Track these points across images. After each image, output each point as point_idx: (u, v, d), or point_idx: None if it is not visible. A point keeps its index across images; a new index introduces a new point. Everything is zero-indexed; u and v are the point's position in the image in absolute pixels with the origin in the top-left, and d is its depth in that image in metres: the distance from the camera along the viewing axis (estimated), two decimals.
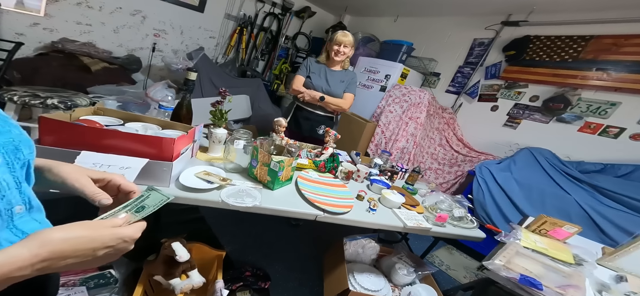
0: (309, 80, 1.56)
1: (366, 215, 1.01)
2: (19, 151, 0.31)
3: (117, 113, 0.77)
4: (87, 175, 0.37)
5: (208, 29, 3.10)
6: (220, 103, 1.01)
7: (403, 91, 2.38)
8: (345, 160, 1.45)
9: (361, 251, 1.31)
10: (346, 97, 1.58)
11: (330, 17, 3.93)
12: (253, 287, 1.16)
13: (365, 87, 2.67)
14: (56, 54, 2.14)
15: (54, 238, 0.27)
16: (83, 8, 2.32)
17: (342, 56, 1.52)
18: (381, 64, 2.57)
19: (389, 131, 2.35)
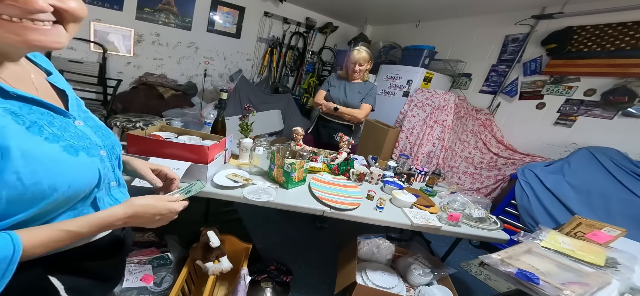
0: (328, 94, 1.73)
1: (373, 212, 1.07)
2: (115, 148, 0.48)
3: (174, 129, 1.05)
4: (148, 166, 0.58)
5: (244, 53, 3.57)
6: (245, 117, 1.24)
7: (426, 95, 2.33)
8: (360, 164, 1.53)
9: (376, 250, 1.34)
10: (363, 107, 1.68)
11: (352, 29, 4.07)
12: (276, 279, 1.31)
13: (387, 94, 2.69)
14: (142, 86, 2.79)
15: (136, 203, 0.44)
16: (156, 45, 2.98)
17: (359, 73, 1.65)
18: (403, 70, 2.56)
19: (413, 136, 2.31)
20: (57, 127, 0.37)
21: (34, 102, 0.35)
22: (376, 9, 3.08)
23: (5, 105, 0.32)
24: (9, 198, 0.31)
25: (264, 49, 3.64)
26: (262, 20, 3.45)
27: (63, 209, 0.39)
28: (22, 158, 0.31)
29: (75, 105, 0.44)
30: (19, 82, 0.36)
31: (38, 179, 0.32)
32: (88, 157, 0.39)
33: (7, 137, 0.30)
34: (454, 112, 2.14)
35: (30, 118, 0.34)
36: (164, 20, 2.90)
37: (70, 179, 0.35)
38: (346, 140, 1.43)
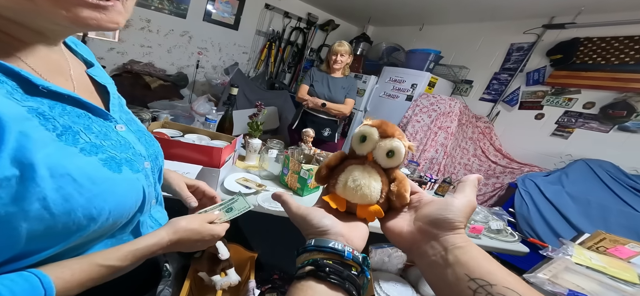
0: (312, 88, 1.72)
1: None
2: (158, 159, 0.40)
3: (178, 126, 0.92)
4: (183, 181, 0.49)
5: (241, 45, 3.41)
6: (256, 116, 1.13)
7: (431, 100, 2.32)
8: None
9: (387, 259, 1.30)
10: (347, 102, 1.71)
11: (353, 28, 4.02)
12: (281, 290, 1.23)
13: (390, 96, 2.66)
14: (126, 74, 2.57)
15: (180, 228, 0.36)
16: (145, 32, 2.75)
17: (340, 64, 1.65)
18: (407, 73, 2.54)
19: (416, 141, 2.30)
20: (96, 133, 0.29)
21: (69, 99, 0.27)
22: (380, 9, 3.04)
23: (31, 103, 0.23)
24: (31, 234, 0.23)
25: (263, 42, 3.49)
26: (263, 12, 3.30)
27: (100, 240, 0.31)
28: (51, 178, 0.23)
29: (117, 105, 0.35)
30: (53, 72, 0.28)
31: (71, 207, 0.24)
32: (132, 173, 0.31)
33: (30, 150, 0.22)
34: (457, 118, 2.14)
35: (63, 122, 0.26)
36: (157, 5, 2.67)
37: (111, 204, 0.28)
38: None
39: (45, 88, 0.25)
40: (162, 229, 0.36)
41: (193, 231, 0.37)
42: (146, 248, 0.33)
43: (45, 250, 0.26)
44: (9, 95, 0.22)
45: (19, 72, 0.23)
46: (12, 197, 0.21)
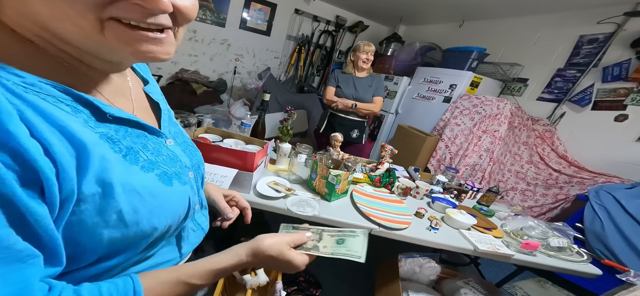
0: (339, 89, 1.70)
1: (426, 233, 0.95)
2: (200, 168, 0.43)
3: (218, 131, 1.00)
4: (221, 192, 0.52)
5: (273, 50, 3.57)
6: (286, 121, 1.16)
7: (474, 102, 2.09)
8: (402, 176, 1.39)
9: (418, 270, 1.22)
10: (376, 100, 1.68)
11: (383, 29, 3.88)
12: (306, 293, 1.24)
13: (424, 98, 2.48)
14: (178, 82, 2.90)
15: (259, 250, 0.36)
16: (193, 42, 3.07)
17: (367, 63, 1.65)
18: (444, 74, 2.34)
19: (455, 146, 2.10)
20: (151, 151, 0.32)
21: (130, 122, 0.30)
22: (414, 8, 2.86)
23: (101, 129, 0.27)
24: (111, 240, 0.27)
25: (293, 47, 3.60)
26: (293, 17, 3.40)
27: (157, 245, 0.34)
28: (124, 193, 0.26)
29: (167, 120, 0.38)
30: (117, 95, 0.32)
31: (139, 217, 0.28)
32: (181, 185, 0.34)
33: (109, 171, 0.25)
34: (508, 121, 1.89)
35: (126, 144, 0.29)
36: (201, 16, 2.96)
37: (167, 213, 0.31)
38: (389, 150, 1.31)
39: (112, 116, 0.28)
40: (242, 247, 0.37)
41: (269, 258, 0.37)
42: (226, 268, 0.35)
43: (122, 253, 0.30)
44: (85, 124, 0.25)
45: (92, 101, 0.27)
46: (96, 209, 0.25)
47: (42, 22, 0.22)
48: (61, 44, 0.25)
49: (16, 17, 0.23)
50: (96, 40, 0.23)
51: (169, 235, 0.36)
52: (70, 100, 0.25)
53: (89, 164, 0.24)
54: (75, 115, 0.25)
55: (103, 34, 0.22)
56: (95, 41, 0.23)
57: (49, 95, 0.23)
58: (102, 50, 0.25)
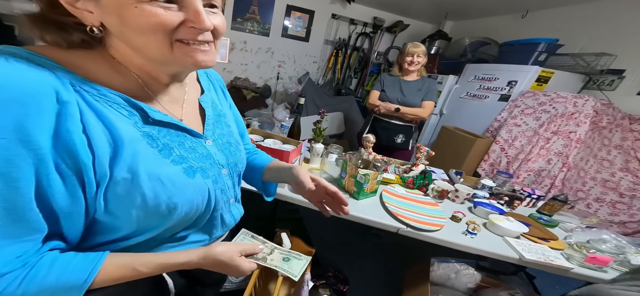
0: (383, 93, 1.63)
1: (462, 237, 0.90)
2: (237, 165, 0.49)
3: (261, 133, 1.15)
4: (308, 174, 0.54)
5: (311, 55, 3.73)
6: (319, 122, 1.24)
7: (541, 99, 1.79)
8: (439, 178, 1.31)
9: (454, 276, 1.13)
10: (425, 105, 1.58)
11: (426, 26, 3.64)
12: (333, 287, 1.28)
13: (475, 97, 2.23)
14: (232, 89, 3.29)
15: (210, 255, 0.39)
16: (243, 52, 3.45)
17: (416, 65, 1.55)
18: (501, 69, 2.06)
19: (514, 149, 1.83)
20: (185, 148, 0.39)
21: (171, 125, 0.38)
22: (464, 2, 2.61)
23: (146, 129, 0.35)
24: (139, 218, 0.34)
25: (330, 51, 3.70)
26: (330, 22, 3.50)
27: (184, 227, 0.41)
28: (149, 181, 0.33)
29: (211, 124, 0.45)
30: (172, 103, 0.40)
31: (159, 201, 0.34)
32: (202, 179, 0.40)
33: (138, 161, 0.32)
34: (590, 121, 1.55)
35: (164, 141, 0.36)
36: (249, 28, 3.33)
37: (183, 200, 0.37)
38: (425, 151, 1.25)
39: (154, 119, 0.35)
40: (194, 251, 0.40)
41: (220, 263, 0.40)
42: (174, 264, 0.38)
43: (148, 231, 0.37)
44: (134, 124, 0.33)
45: (143, 107, 0.34)
46: (126, 190, 0.32)
47: (139, 49, 0.32)
48: (146, 64, 0.35)
49: (123, 50, 0.33)
50: (169, 57, 0.32)
51: (201, 223, 0.42)
52: (128, 106, 0.33)
53: (122, 155, 0.31)
54: (128, 118, 0.33)
55: (173, 52, 0.31)
56: (168, 57, 0.32)
57: (115, 103, 0.32)
58: (171, 63, 0.34)
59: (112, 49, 0.33)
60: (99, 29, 0.31)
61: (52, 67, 0.28)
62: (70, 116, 0.28)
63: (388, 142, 1.65)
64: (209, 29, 0.32)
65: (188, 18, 0.30)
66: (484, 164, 1.95)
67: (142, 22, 0.28)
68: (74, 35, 0.31)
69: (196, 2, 0.30)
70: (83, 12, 0.29)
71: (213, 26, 0.33)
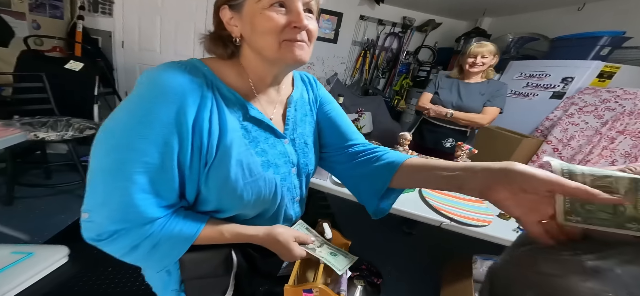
0: (436, 96, 1.50)
1: (513, 235, 0.85)
2: (307, 167, 0.52)
3: None
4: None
5: (339, 56, 3.76)
6: (357, 121, 1.25)
7: (604, 96, 1.59)
8: None
9: None
10: (487, 111, 1.38)
11: (460, 24, 3.47)
12: (367, 279, 1.27)
13: (521, 95, 2.06)
14: None
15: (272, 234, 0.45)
16: None
17: (479, 67, 1.37)
18: (553, 65, 1.88)
19: (570, 149, 1.64)
20: (268, 144, 0.45)
21: (262, 123, 0.44)
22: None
23: (244, 123, 0.42)
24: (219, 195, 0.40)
25: (358, 51, 3.70)
26: (358, 23, 3.52)
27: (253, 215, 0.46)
28: (236, 165, 0.39)
29: (291, 126, 0.50)
30: (268, 104, 0.47)
31: (237, 184, 0.40)
32: (273, 174, 0.45)
33: (232, 146, 0.39)
34: None
35: (254, 135, 0.43)
36: None
37: (254, 188, 0.42)
38: (467, 150, 1.19)
39: (251, 116, 0.42)
40: (261, 228, 0.45)
41: (277, 242, 0.45)
42: (246, 235, 0.44)
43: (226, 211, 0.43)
44: (238, 118, 0.41)
45: (246, 105, 0.42)
46: (219, 169, 0.39)
47: (260, 50, 0.39)
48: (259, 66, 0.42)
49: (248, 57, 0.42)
50: (277, 54, 0.38)
51: (268, 215, 0.48)
52: (237, 103, 0.41)
53: (225, 139, 0.38)
54: (236, 112, 0.41)
55: (280, 50, 0.38)
56: (276, 54, 0.38)
57: (230, 99, 0.41)
58: (278, 61, 0.40)
59: (242, 58, 0.43)
60: (239, 39, 0.41)
61: (206, 72, 0.40)
62: (205, 107, 0.37)
63: (435, 145, 1.54)
64: (306, 27, 0.38)
65: (291, 19, 0.37)
66: (534, 165, 1.77)
67: (265, 25, 0.37)
68: (228, 48, 0.43)
69: (298, 6, 0.37)
70: (233, 27, 0.40)
71: (308, 27, 0.39)
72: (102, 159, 0.35)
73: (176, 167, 0.36)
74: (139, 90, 0.35)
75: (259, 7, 0.36)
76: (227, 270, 0.48)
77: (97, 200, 0.35)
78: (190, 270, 0.44)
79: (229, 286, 0.48)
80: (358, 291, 1.22)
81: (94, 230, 0.36)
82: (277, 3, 0.36)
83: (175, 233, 0.38)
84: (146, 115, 0.34)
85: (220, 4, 0.40)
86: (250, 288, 0.52)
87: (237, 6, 0.39)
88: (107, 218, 0.35)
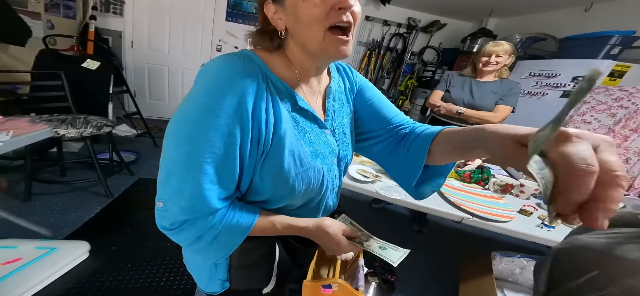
0: (447, 94, 1.50)
1: (537, 230, 0.85)
2: (346, 157, 0.52)
3: None
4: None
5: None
6: None
7: (617, 95, 1.61)
8: (498, 174, 1.25)
9: (519, 272, 1.06)
10: (498, 109, 1.37)
11: (466, 25, 3.50)
12: (381, 276, 1.28)
13: (530, 94, 2.08)
14: None
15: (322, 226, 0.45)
16: None
17: (493, 65, 1.36)
18: (563, 65, 1.90)
19: None
20: (314, 134, 0.45)
21: (309, 114, 0.44)
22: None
23: (294, 113, 0.43)
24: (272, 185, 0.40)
25: (363, 52, 3.72)
26: (363, 24, 3.53)
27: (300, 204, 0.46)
28: (288, 155, 0.40)
29: (331, 116, 0.49)
30: (311, 94, 0.47)
31: (289, 174, 0.40)
32: (321, 163, 0.45)
33: (285, 136, 0.39)
34: None
35: (302, 125, 0.43)
36: None
37: (305, 177, 0.42)
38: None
39: (300, 107, 0.43)
40: (310, 220, 0.46)
41: (326, 235, 0.46)
42: (296, 227, 0.45)
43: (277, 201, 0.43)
44: (288, 108, 0.41)
45: (295, 96, 0.42)
46: (273, 159, 0.39)
47: (304, 42, 0.39)
48: (304, 58, 0.42)
49: (293, 48, 0.42)
50: (322, 45, 0.37)
51: (312, 204, 0.48)
52: (287, 94, 0.42)
53: (279, 129, 0.39)
54: (287, 102, 0.41)
55: (324, 41, 0.37)
56: (320, 45, 0.38)
57: (281, 90, 0.41)
58: (321, 53, 0.39)
59: (288, 50, 0.43)
60: (284, 31, 0.41)
61: (259, 63, 0.40)
62: (262, 97, 0.38)
63: None
64: (352, 6, 0.37)
65: (335, 2, 0.35)
66: None
67: (308, 13, 0.36)
68: (275, 41, 0.43)
69: None
70: (277, 20, 0.40)
71: (353, 8, 0.37)
72: (175, 150, 0.36)
73: (238, 158, 0.37)
74: (203, 82, 0.36)
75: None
76: (270, 260, 0.48)
77: (171, 189, 0.36)
78: (237, 259, 0.45)
79: (272, 276, 0.49)
80: (372, 287, 1.23)
81: (168, 218, 0.37)
82: None
83: (233, 224, 0.39)
84: (212, 107, 0.34)
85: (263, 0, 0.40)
86: (290, 277, 0.53)
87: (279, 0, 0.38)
88: (179, 208, 0.36)
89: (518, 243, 0.95)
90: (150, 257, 1.23)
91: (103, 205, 1.53)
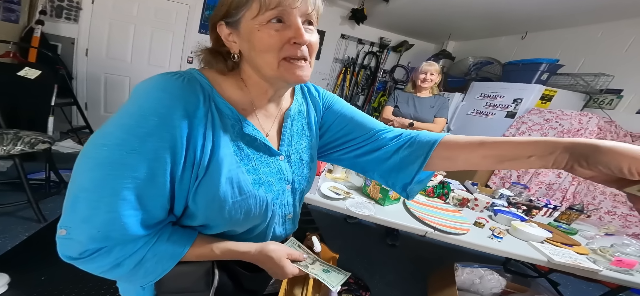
0: (397, 109, 1.72)
1: (488, 241, 0.94)
2: (302, 184, 0.51)
3: None
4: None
5: (322, 73, 3.90)
6: None
7: (547, 116, 1.89)
8: (456, 189, 1.38)
9: (478, 281, 1.16)
10: (437, 121, 1.64)
11: (430, 46, 3.87)
12: (355, 293, 1.29)
13: (482, 114, 2.34)
14: None
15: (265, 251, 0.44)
16: None
17: (429, 82, 1.63)
18: (506, 88, 2.19)
19: None
20: (260, 162, 0.43)
21: (256, 140, 0.43)
22: (464, 24, 2.81)
23: (237, 140, 0.41)
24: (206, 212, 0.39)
25: (339, 68, 3.88)
26: (339, 42, 3.71)
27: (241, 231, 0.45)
28: (226, 183, 0.38)
29: (287, 142, 0.48)
30: (266, 119, 0.46)
31: (225, 202, 0.39)
32: (265, 193, 0.43)
33: (223, 163, 0.38)
34: (595, 137, 1.64)
35: (246, 153, 0.41)
36: None
37: (246, 208, 0.41)
38: None
39: (246, 133, 0.41)
40: (253, 245, 0.45)
41: (270, 259, 0.44)
42: (238, 252, 0.44)
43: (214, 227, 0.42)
44: (233, 134, 0.40)
45: (241, 120, 0.41)
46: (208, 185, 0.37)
47: (259, 68, 0.39)
48: (260, 82, 0.41)
49: (248, 72, 0.41)
50: (276, 73, 0.38)
51: (256, 232, 0.46)
52: (234, 119, 0.40)
53: (217, 155, 0.37)
54: (231, 127, 0.40)
55: (279, 69, 0.37)
56: (276, 73, 0.38)
57: (226, 114, 0.39)
58: (277, 79, 0.39)
59: (242, 72, 0.43)
60: (238, 55, 0.41)
61: (204, 84, 0.38)
62: (201, 121, 0.36)
63: None
64: (307, 43, 0.37)
65: (290, 35, 0.36)
66: (495, 178, 2.01)
67: (263, 43, 0.36)
68: (228, 63, 0.42)
69: (297, 21, 0.36)
70: (231, 43, 0.40)
71: (309, 42, 0.38)
72: (88, 174, 0.33)
73: (168, 182, 0.35)
74: (133, 102, 0.34)
75: (256, 23, 0.35)
76: (207, 285, 0.46)
77: (78, 216, 0.32)
78: (167, 283, 0.42)
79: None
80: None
81: (73, 248, 0.33)
82: (275, 18, 0.35)
83: (161, 250, 0.37)
84: (138, 129, 0.32)
85: (216, 20, 0.39)
86: None
87: (234, 23, 0.37)
88: (88, 236, 0.32)
89: (478, 253, 1.04)
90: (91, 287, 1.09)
91: (32, 232, 1.34)
